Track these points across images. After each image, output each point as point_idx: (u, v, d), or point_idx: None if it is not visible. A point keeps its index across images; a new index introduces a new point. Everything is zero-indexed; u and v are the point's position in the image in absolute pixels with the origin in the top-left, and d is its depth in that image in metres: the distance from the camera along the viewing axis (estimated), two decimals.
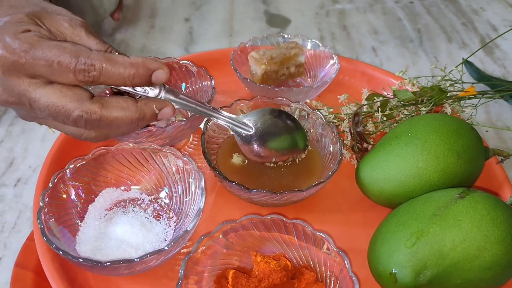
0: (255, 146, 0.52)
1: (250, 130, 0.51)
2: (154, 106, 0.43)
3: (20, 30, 0.38)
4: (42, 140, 0.68)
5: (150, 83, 0.42)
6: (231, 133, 0.59)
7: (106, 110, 0.40)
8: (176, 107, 0.45)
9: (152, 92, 0.44)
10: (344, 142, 0.59)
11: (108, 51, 0.41)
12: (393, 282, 0.42)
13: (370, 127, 0.60)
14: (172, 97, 0.45)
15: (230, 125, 0.51)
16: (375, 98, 0.62)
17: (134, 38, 0.91)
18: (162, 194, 0.54)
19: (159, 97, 0.44)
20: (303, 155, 0.56)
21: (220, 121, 0.50)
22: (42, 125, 0.67)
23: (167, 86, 0.45)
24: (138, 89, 0.43)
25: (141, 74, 0.40)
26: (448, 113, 0.60)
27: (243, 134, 0.51)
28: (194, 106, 0.47)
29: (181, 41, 0.91)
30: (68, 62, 0.38)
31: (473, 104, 0.62)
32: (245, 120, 0.51)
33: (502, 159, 0.54)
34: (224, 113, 0.50)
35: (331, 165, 0.54)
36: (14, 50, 0.37)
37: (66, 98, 0.39)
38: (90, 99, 0.40)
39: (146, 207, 0.53)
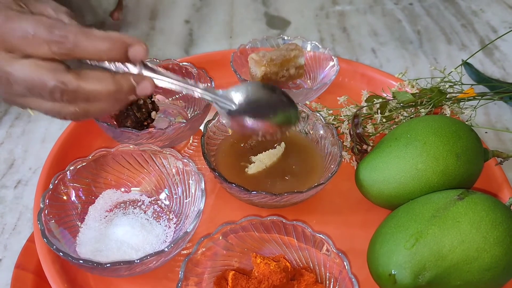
0: (239, 119, 0.48)
1: (233, 105, 0.48)
2: (132, 78, 0.42)
3: (1, 7, 0.39)
4: (42, 142, 0.68)
5: (127, 59, 0.41)
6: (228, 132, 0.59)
7: (82, 80, 0.40)
8: (158, 84, 0.44)
9: (132, 70, 0.43)
10: (344, 143, 0.59)
11: None
12: (392, 283, 0.42)
13: (370, 128, 0.60)
14: (152, 74, 0.44)
15: (212, 100, 0.48)
16: (375, 99, 0.62)
17: None
18: (162, 196, 0.54)
19: None
20: (292, 129, 0.51)
21: (201, 95, 0.47)
22: (40, 127, 0.67)
23: (148, 64, 0.44)
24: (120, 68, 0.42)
25: (118, 48, 0.40)
26: (448, 115, 0.60)
27: (227, 108, 0.48)
28: (174, 82, 0.45)
29: (181, 43, 0.91)
30: (42, 33, 0.38)
31: (472, 105, 0.62)
32: (229, 94, 0.48)
33: (501, 160, 0.54)
34: (202, 86, 0.47)
35: (331, 166, 0.54)
36: None
37: (42, 69, 0.39)
38: (66, 70, 0.40)
39: (146, 208, 0.53)
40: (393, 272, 0.42)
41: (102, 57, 0.40)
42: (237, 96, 0.48)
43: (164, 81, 0.44)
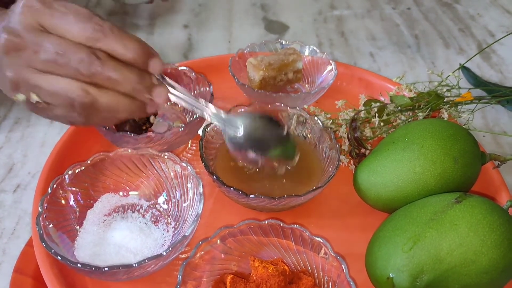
0: (242, 148, 0.50)
1: (238, 133, 0.50)
2: (153, 78, 0.43)
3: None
4: (41, 146, 0.69)
5: (145, 67, 0.43)
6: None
7: (112, 60, 0.41)
8: (171, 98, 0.46)
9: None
10: (342, 147, 0.60)
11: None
12: (390, 286, 0.42)
13: (368, 132, 0.60)
14: (168, 87, 0.45)
15: (220, 123, 0.50)
16: (373, 103, 0.63)
17: None
18: (161, 200, 0.54)
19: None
20: (292, 164, 0.55)
21: (209, 118, 0.49)
22: (39, 132, 0.67)
23: (165, 78, 0.46)
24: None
25: (143, 53, 0.42)
26: (445, 118, 0.61)
27: (231, 134, 0.50)
28: (187, 99, 0.47)
29: (180, 48, 0.92)
30: (82, 17, 0.40)
31: (469, 109, 0.62)
32: (237, 122, 0.50)
33: (498, 164, 0.54)
34: (213, 108, 0.49)
35: (329, 169, 0.54)
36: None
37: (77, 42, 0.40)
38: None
39: (145, 212, 0.53)
40: (391, 276, 0.42)
41: (126, 55, 0.41)
42: (244, 125, 0.50)
43: (178, 97, 0.46)
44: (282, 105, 0.60)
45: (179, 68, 0.65)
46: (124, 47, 0.41)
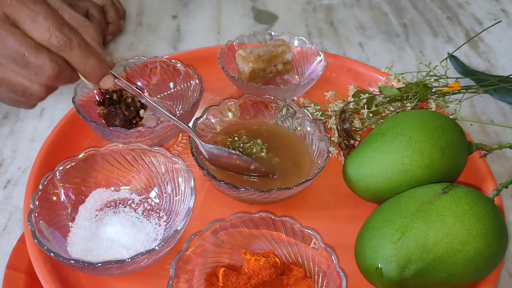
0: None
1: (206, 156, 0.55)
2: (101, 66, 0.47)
3: None
4: (31, 141, 0.68)
5: (97, 83, 0.48)
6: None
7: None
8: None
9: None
10: (331, 139, 0.60)
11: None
12: (379, 276, 0.43)
13: (357, 123, 0.61)
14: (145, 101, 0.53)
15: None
16: (361, 94, 0.63)
17: (122, 36, 0.91)
18: (152, 194, 0.54)
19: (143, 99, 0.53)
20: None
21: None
22: (28, 126, 0.68)
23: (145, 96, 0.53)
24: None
25: (97, 73, 0.46)
26: (433, 109, 0.61)
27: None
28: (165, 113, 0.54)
29: (169, 39, 0.91)
30: (53, 24, 0.42)
31: (457, 99, 0.63)
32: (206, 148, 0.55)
33: (485, 153, 0.55)
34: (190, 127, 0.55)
35: (319, 161, 0.55)
36: None
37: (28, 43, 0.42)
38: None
39: (137, 207, 0.53)
40: (379, 266, 0.43)
41: (83, 72, 0.45)
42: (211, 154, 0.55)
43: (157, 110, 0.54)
44: (272, 97, 0.60)
45: (168, 61, 0.65)
46: (83, 64, 0.44)
